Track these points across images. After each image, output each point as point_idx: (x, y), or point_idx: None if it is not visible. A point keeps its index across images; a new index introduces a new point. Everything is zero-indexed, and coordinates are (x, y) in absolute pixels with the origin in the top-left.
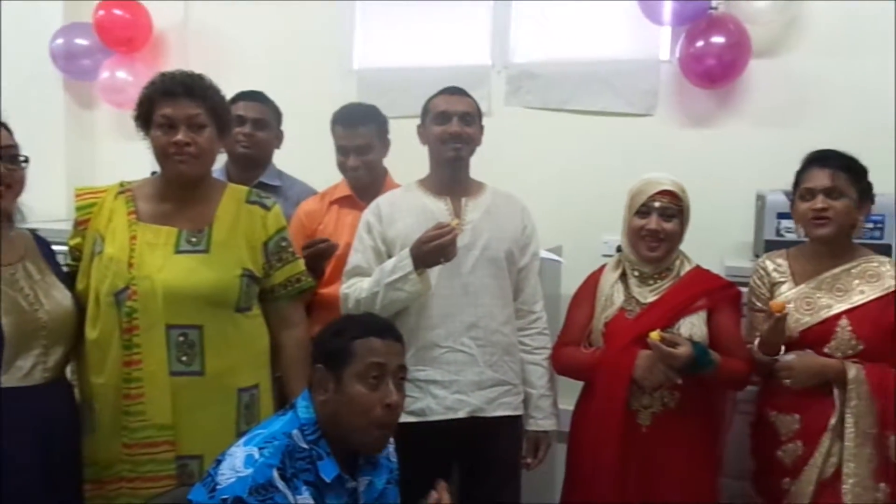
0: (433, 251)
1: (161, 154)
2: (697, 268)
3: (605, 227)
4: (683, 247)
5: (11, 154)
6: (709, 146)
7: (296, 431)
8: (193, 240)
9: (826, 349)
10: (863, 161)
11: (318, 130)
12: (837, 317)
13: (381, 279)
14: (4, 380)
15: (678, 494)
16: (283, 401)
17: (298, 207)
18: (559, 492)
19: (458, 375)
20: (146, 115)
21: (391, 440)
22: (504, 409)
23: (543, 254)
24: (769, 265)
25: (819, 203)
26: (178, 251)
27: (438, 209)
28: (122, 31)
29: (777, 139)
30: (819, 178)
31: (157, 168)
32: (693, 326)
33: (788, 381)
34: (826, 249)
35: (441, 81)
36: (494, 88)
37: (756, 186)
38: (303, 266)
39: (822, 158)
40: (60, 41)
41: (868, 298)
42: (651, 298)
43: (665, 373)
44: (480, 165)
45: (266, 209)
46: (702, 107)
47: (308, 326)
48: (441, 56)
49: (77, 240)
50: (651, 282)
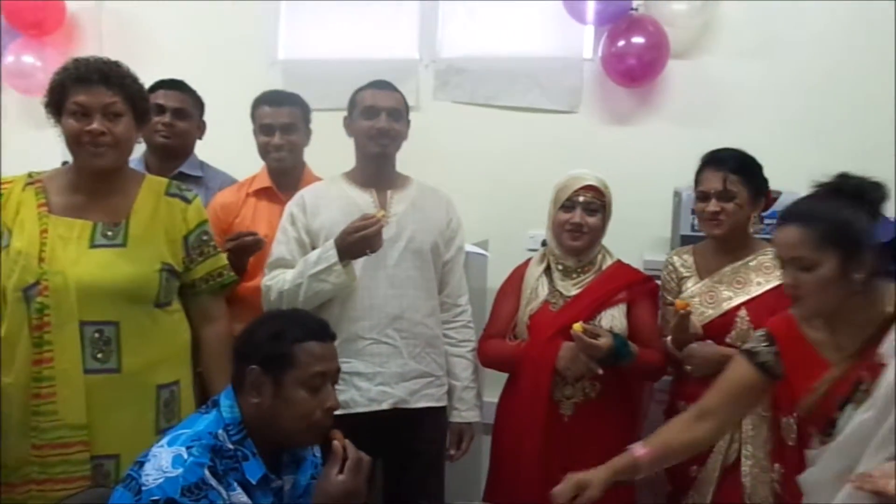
0: (358, 242)
1: (73, 143)
2: (618, 262)
3: (532, 222)
4: (605, 241)
5: None
6: (630, 143)
7: (221, 432)
8: (109, 233)
9: (728, 339)
10: (773, 159)
11: (242, 121)
12: (737, 308)
13: (306, 270)
14: None
15: None
16: (205, 397)
17: (213, 199)
18: (484, 483)
19: (382, 367)
20: (58, 103)
21: None
22: (427, 401)
23: (470, 247)
24: (676, 261)
25: (712, 206)
26: (94, 245)
27: (364, 201)
28: (32, 13)
29: (694, 138)
30: (712, 182)
31: (69, 158)
32: (614, 319)
33: (689, 369)
34: (725, 245)
35: (368, 75)
36: (422, 83)
37: (674, 183)
38: (225, 260)
39: (716, 161)
40: None
41: (764, 289)
42: (574, 291)
43: (587, 364)
44: (408, 159)
45: (187, 202)
46: (623, 105)
47: (229, 321)
48: (368, 49)
49: None
50: (574, 275)
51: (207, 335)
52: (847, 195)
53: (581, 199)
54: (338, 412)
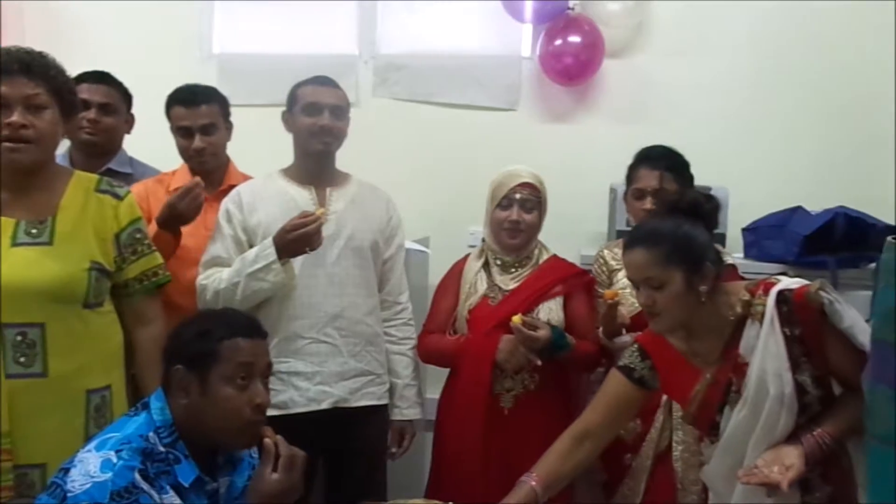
0: (298, 240)
1: None
2: (554, 256)
3: (472, 219)
4: (543, 236)
5: None
6: (567, 140)
7: (151, 434)
8: (34, 231)
9: None
10: (701, 156)
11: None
12: None
13: (243, 269)
14: None
15: None
16: (138, 401)
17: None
18: (426, 481)
19: (322, 366)
20: None
21: None
22: (368, 400)
23: (411, 245)
24: (607, 254)
25: (647, 204)
26: (16, 244)
27: (303, 198)
28: None
29: (628, 135)
30: (647, 180)
31: None
32: (551, 311)
33: None
34: None
35: (307, 70)
36: (361, 79)
37: (609, 179)
38: (160, 259)
39: (651, 159)
40: None
41: None
42: (512, 285)
43: (526, 355)
44: (347, 156)
45: (118, 199)
46: (561, 103)
47: (164, 322)
48: (306, 44)
49: None
50: (512, 270)
51: (141, 337)
52: (684, 211)
53: (518, 197)
54: (277, 412)
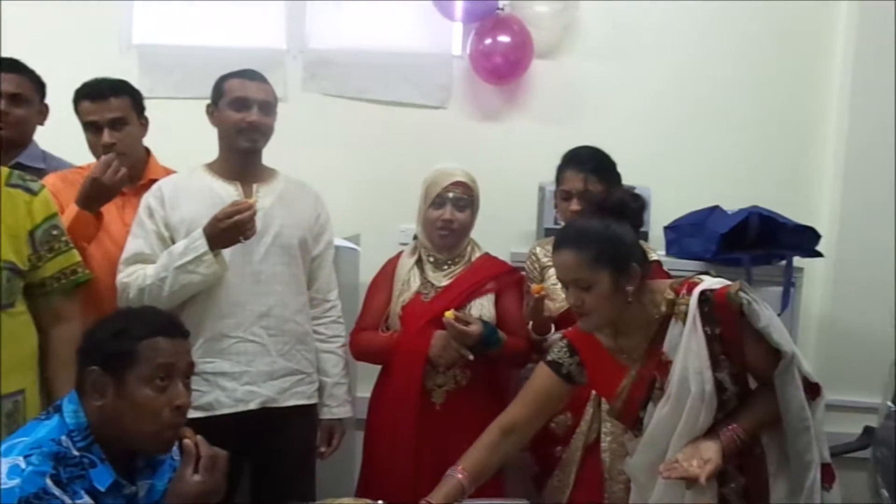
0: (231, 228)
1: None
2: (486, 254)
3: (403, 216)
4: (475, 234)
5: None
6: (497, 139)
7: (64, 438)
8: None
9: None
10: (626, 156)
11: None
12: None
13: (171, 263)
14: None
15: None
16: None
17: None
18: (356, 481)
19: (249, 366)
20: None
21: None
22: (297, 399)
23: (341, 242)
24: (539, 251)
25: (574, 205)
26: None
27: (228, 194)
28: None
29: (556, 135)
30: (574, 182)
31: None
32: (483, 308)
33: None
34: None
35: (233, 64)
36: (290, 74)
37: (538, 178)
38: (78, 257)
39: (577, 161)
40: None
41: None
42: (445, 282)
43: (458, 351)
44: (274, 152)
45: (32, 193)
46: (491, 102)
47: (82, 322)
48: (233, 37)
49: None
50: (445, 267)
51: (57, 337)
52: (611, 211)
53: (450, 196)
54: (202, 414)
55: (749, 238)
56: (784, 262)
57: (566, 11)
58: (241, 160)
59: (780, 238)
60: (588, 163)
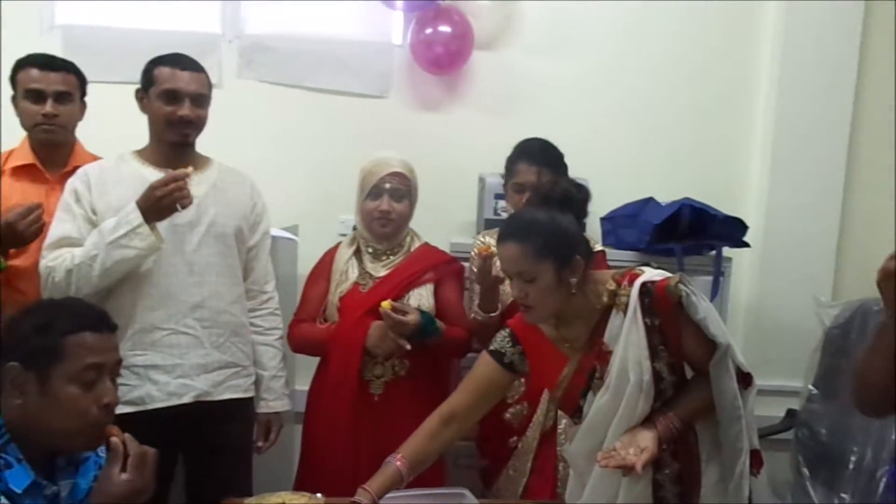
0: (168, 196)
1: None
2: (425, 244)
3: (342, 206)
4: (415, 225)
5: None
6: (438, 130)
7: None
8: None
9: None
10: (564, 148)
11: (8, 92)
12: None
13: (102, 240)
14: None
15: None
16: None
17: None
18: (295, 474)
19: (182, 359)
20: None
21: None
22: (232, 392)
23: (279, 232)
24: (489, 240)
25: (528, 198)
26: None
27: None
28: None
29: (497, 126)
30: (526, 175)
31: None
32: (421, 297)
33: None
34: None
35: (163, 47)
36: (225, 59)
37: (479, 169)
38: None
39: (530, 154)
40: None
41: None
42: (383, 273)
43: (395, 341)
44: (209, 140)
45: None
46: (432, 92)
47: None
48: (165, 20)
49: None
50: (384, 258)
51: None
52: (556, 203)
53: (388, 186)
54: (133, 409)
55: (681, 229)
56: (714, 252)
57: (506, 3)
58: (173, 149)
59: (711, 229)
60: (540, 155)
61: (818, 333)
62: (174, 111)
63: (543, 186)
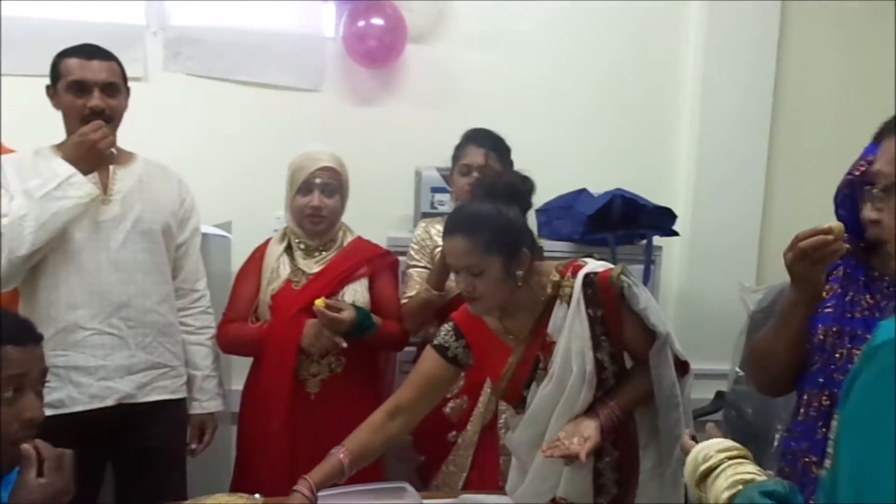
0: (96, 141)
1: None
2: (358, 238)
3: (276, 203)
4: (350, 219)
5: None
6: (373, 123)
7: None
8: None
9: None
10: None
11: None
12: None
13: (31, 198)
14: None
15: None
16: None
17: None
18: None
19: (106, 360)
20: None
21: None
22: (159, 394)
23: (211, 229)
24: (432, 231)
25: (473, 180)
26: None
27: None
28: None
29: (433, 120)
30: (475, 156)
31: None
32: (356, 293)
33: None
34: None
35: (85, 39)
36: (150, 51)
37: (415, 163)
38: None
39: (478, 138)
40: None
41: None
42: (316, 269)
43: (331, 339)
44: (135, 135)
45: None
46: (366, 85)
47: None
48: (85, 10)
49: None
50: (316, 254)
51: None
52: (501, 194)
53: (318, 182)
54: (52, 412)
55: (613, 219)
56: (645, 242)
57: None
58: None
59: (641, 219)
60: (489, 140)
61: (744, 317)
62: (84, 104)
63: (488, 177)
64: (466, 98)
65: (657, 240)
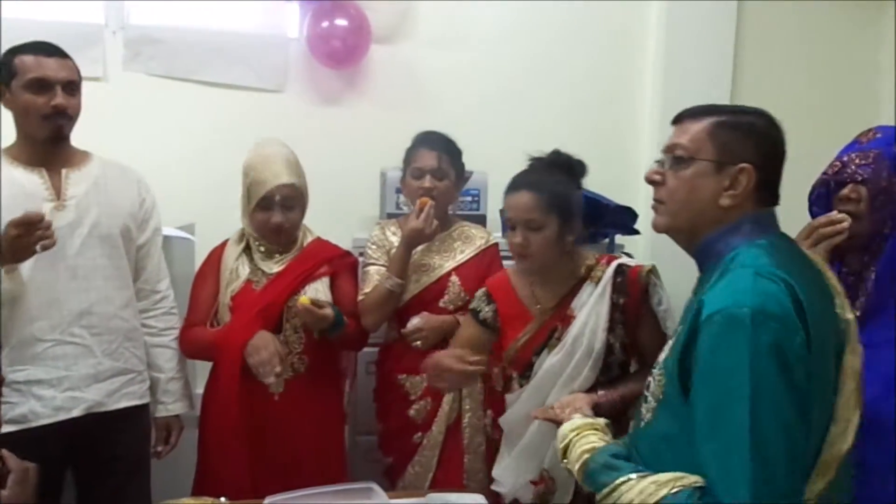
0: (24, 238)
1: None
2: (318, 239)
3: (240, 205)
4: (315, 220)
5: None
6: (337, 124)
7: None
8: None
9: (441, 303)
10: (464, 142)
11: None
12: (449, 274)
13: None
14: None
15: (311, 451)
16: None
17: None
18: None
19: (70, 370)
20: None
21: None
22: (128, 400)
23: (174, 232)
24: (388, 233)
25: (427, 182)
26: None
27: (32, 183)
28: None
29: (397, 120)
30: (427, 160)
31: None
32: (318, 292)
33: (419, 344)
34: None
35: (42, 38)
36: (109, 51)
37: (380, 164)
38: None
39: (430, 141)
40: None
41: (468, 256)
42: (276, 269)
43: (277, 352)
44: (93, 136)
45: None
46: (330, 86)
47: None
48: (42, 8)
49: None
50: (276, 255)
51: None
52: (559, 169)
53: (278, 199)
54: (15, 428)
55: None
56: (607, 241)
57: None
58: (46, 146)
59: (604, 218)
60: (440, 143)
61: None
62: (46, 102)
63: (551, 153)
64: (431, 98)
65: (619, 238)
